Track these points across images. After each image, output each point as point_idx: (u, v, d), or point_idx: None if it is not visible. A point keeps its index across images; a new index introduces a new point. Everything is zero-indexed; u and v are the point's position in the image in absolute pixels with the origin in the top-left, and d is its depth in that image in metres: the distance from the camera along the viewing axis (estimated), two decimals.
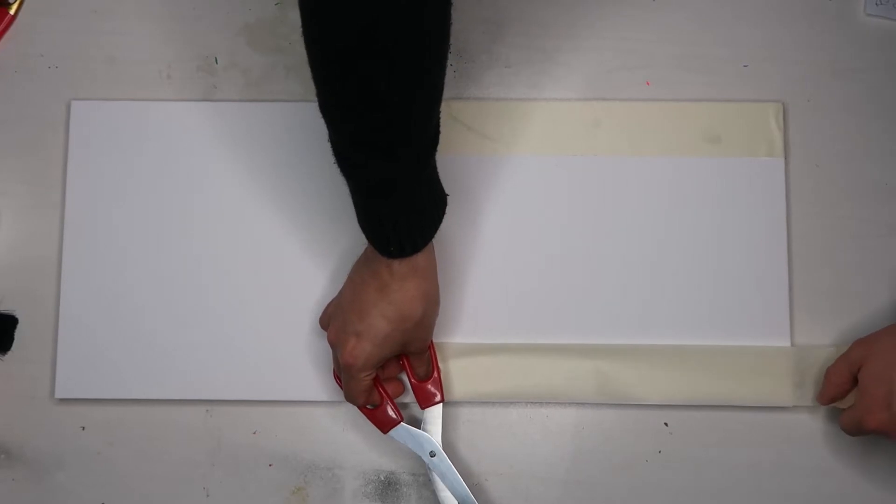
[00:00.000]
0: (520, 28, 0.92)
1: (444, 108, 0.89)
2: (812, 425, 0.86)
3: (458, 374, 0.86)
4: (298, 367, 0.87)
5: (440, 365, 0.85)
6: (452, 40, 0.92)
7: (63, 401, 0.87)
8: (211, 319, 0.87)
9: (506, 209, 0.89)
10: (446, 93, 0.90)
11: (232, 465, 0.86)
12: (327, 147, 0.92)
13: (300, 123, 0.90)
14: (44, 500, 0.86)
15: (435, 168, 0.77)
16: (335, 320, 0.81)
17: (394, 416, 0.83)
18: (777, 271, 0.87)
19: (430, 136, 0.74)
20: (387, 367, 0.83)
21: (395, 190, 0.73)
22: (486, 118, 0.90)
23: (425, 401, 0.84)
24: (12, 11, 0.93)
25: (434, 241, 0.86)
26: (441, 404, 0.84)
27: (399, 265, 0.77)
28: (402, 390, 0.85)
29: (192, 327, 0.87)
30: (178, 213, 0.89)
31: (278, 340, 0.87)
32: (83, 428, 0.87)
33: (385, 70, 0.66)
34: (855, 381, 0.81)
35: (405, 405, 0.86)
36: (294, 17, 0.92)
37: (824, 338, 0.86)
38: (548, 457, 0.86)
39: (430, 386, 0.84)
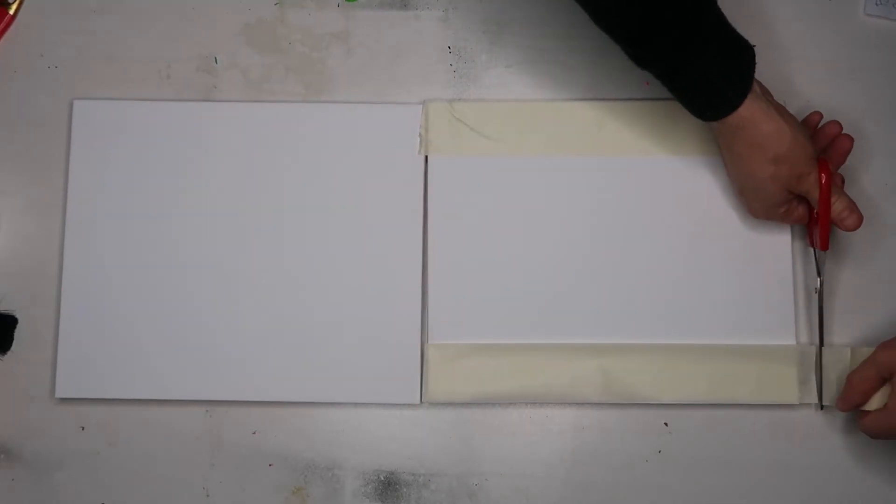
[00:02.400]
0: (520, 28, 0.92)
1: (444, 108, 0.90)
2: (815, 424, 0.86)
3: (462, 374, 0.86)
4: (298, 367, 0.87)
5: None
6: (452, 40, 0.93)
7: (63, 401, 0.87)
8: (211, 320, 0.87)
9: (507, 210, 0.89)
10: (446, 93, 0.91)
11: (232, 465, 0.86)
12: (326, 148, 0.92)
13: (300, 123, 0.90)
14: (44, 500, 0.86)
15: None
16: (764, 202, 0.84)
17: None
18: (781, 269, 0.87)
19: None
20: None
21: (720, 42, 0.78)
22: (486, 119, 0.90)
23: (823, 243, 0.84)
24: (12, 11, 0.93)
25: (436, 241, 0.87)
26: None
27: (749, 108, 0.79)
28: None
29: (191, 328, 0.87)
30: (177, 212, 0.89)
31: (278, 341, 0.87)
32: (83, 428, 0.87)
33: None
34: (880, 386, 0.80)
35: None
36: (294, 17, 0.92)
37: (830, 335, 0.86)
38: (548, 457, 0.86)
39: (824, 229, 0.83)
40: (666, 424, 0.86)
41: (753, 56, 0.79)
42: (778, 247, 0.88)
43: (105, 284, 0.88)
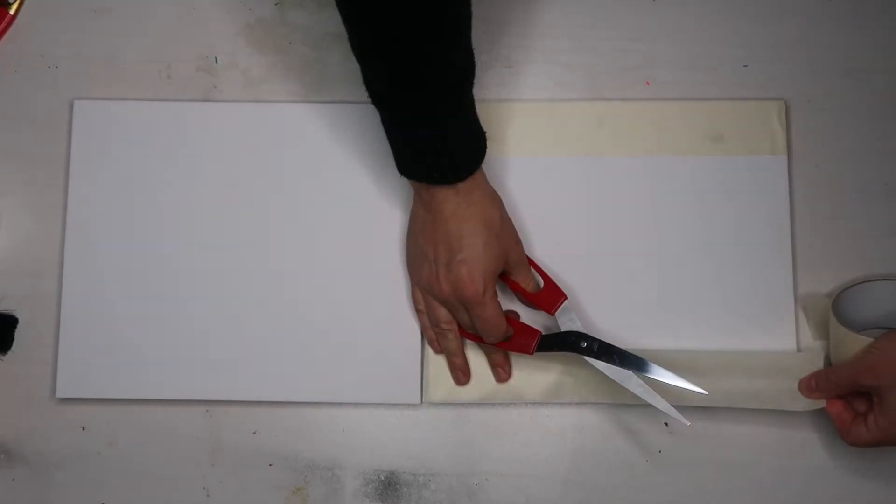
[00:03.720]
0: (520, 28, 0.92)
1: None
2: (813, 425, 0.86)
3: None
4: (298, 367, 0.87)
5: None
6: None
7: (63, 401, 0.87)
8: (211, 319, 0.87)
9: (507, 210, 0.88)
10: None
11: (232, 465, 0.86)
12: (327, 148, 0.92)
13: (300, 124, 0.90)
14: (44, 500, 0.86)
15: (473, 104, 0.80)
16: (433, 280, 0.82)
17: (533, 329, 0.83)
18: (782, 273, 0.87)
19: (462, 68, 0.76)
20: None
21: (434, 119, 0.76)
22: (487, 119, 0.89)
23: (552, 304, 0.84)
24: (12, 11, 0.93)
25: None
26: (567, 300, 0.84)
27: (458, 187, 0.79)
28: (519, 315, 0.87)
29: (191, 327, 0.87)
30: (178, 212, 0.89)
31: (278, 340, 0.87)
32: (83, 428, 0.87)
33: (407, 9, 0.70)
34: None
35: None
36: (294, 17, 0.92)
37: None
38: (548, 457, 0.86)
39: (548, 291, 0.84)
40: (666, 424, 0.86)
41: (485, 140, 0.81)
42: (779, 249, 0.88)
43: (105, 284, 0.88)
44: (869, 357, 0.79)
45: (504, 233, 0.82)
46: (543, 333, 0.83)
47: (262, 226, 0.89)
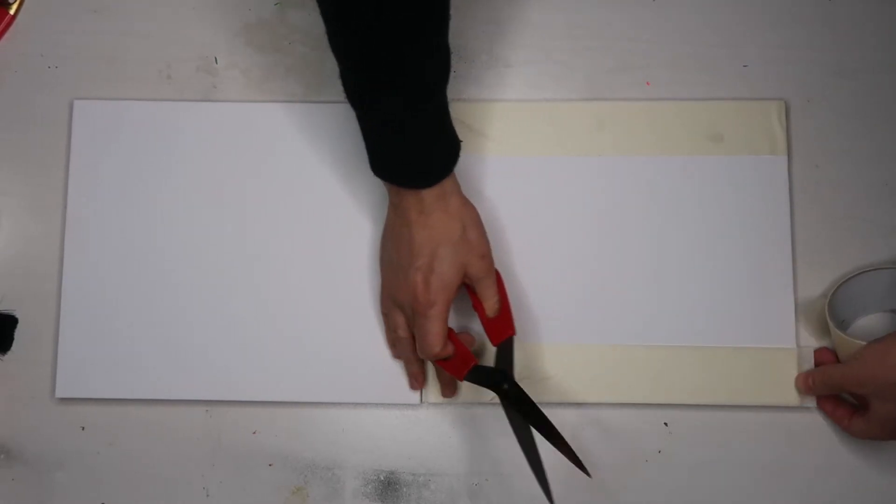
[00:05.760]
0: (520, 28, 0.92)
1: None
2: (813, 425, 0.86)
3: None
4: (298, 367, 0.87)
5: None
6: (452, 40, 0.92)
7: (63, 401, 0.87)
8: (210, 319, 0.87)
9: (507, 210, 0.88)
10: (448, 93, 0.90)
11: (232, 465, 0.86)
12: (327, 148, 0.92)
13: (300, 124, 0.90)
14: (44, 500, 0.86)
15: (446, 110, 0.79)
16: (395, 285, 0.82)
17: (471, 357, 0.82)
18: (782, 271, 0.87)
19: (438, 70, 0.76)
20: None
21: (403, 122, 0.76)
22: (486, 119, 0.90)
23: (497, 336, 0.83)
24: (12, 11, 0.93)
25: None
26: (513, 337, 0.83)
27: (423, 195, 0.78)
28: (473, 340, 0.86)
29: (191, 327, 0.87)
30: (178, 212, 0.89)
31: (278, 340, 0.87)
32: (83, 428, 0.87)
33: (386, 8, 0.71)
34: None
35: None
36: (294, 17, 0.92)
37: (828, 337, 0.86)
38: (548, 457, 0.86)
39: (500, 321, 0.83)
40: (666, 424, 0.86)
41: (459, 146, 0.80)
42: (779, 248, 0.87)
43: (105, 284, 0.88)
44: (854, 365, 0.80)
45: (464, 245, 0.80)
46: (477, 364, 0.82)
47: (262, 226, 0.89)
